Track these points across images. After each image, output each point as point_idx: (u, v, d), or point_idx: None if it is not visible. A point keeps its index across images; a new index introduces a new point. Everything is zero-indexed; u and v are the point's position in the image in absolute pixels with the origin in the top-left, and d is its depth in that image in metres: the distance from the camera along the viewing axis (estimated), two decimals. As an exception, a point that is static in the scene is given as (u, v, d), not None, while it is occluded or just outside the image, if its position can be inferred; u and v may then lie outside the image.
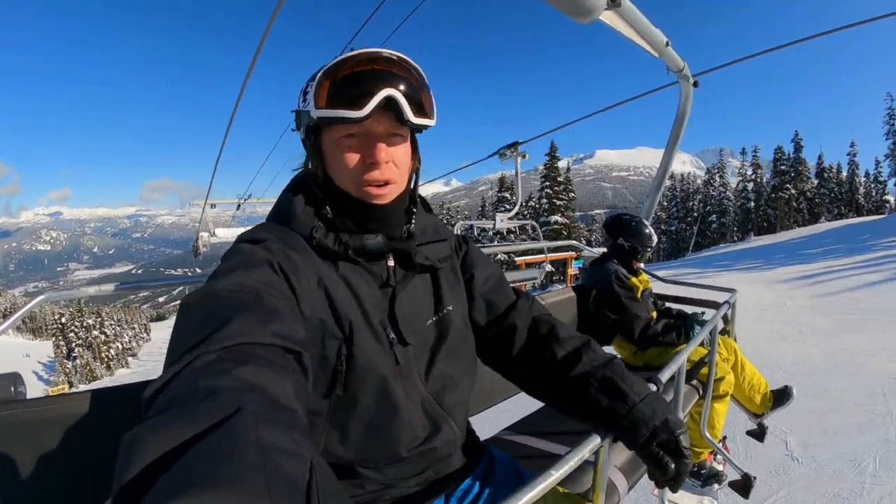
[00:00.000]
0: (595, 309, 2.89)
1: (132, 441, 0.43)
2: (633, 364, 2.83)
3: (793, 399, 2.81)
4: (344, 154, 0.91)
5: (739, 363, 2.80)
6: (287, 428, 0.48)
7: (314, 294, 0.87)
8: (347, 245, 0.93)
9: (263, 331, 0.66)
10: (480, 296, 1.17)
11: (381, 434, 0.93)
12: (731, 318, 2.88)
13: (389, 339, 0.94)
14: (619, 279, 2.84)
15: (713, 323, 2.05)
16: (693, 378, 2.37)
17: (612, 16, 1.72)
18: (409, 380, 0.97)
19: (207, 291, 0.73)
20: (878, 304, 12.03)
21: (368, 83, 0.86)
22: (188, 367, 0.58)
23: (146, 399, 0.56)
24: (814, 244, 33.44)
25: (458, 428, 1.06)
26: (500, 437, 1.94)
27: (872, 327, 9.01)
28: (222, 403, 0.48)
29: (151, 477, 0.39)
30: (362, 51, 0.89)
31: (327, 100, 0.87)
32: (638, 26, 1.89)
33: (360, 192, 0.93)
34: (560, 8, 1.43)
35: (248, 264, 0.79)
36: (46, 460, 1.15)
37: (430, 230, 1.09)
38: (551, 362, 1.06)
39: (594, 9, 1.48)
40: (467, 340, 1.11)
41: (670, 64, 2.43)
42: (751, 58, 3.11)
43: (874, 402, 4.15)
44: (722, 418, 2.57)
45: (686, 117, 3.09)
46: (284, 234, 0.91)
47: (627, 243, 3.00)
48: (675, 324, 2.75)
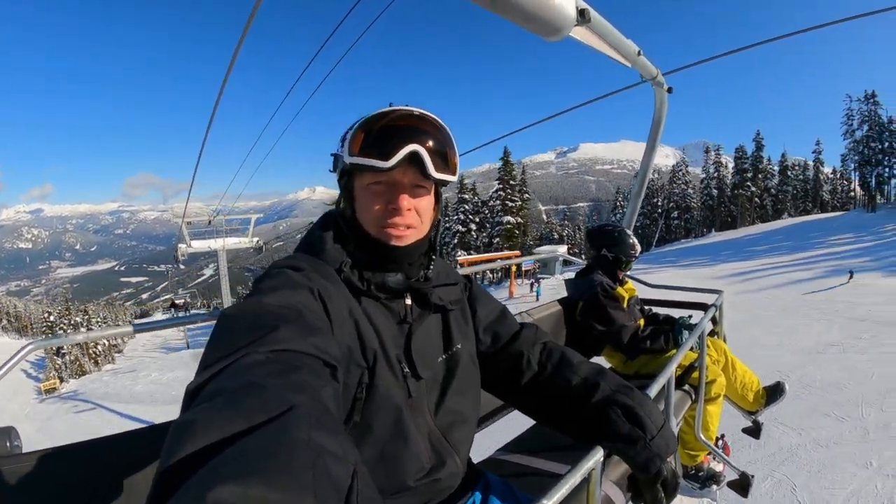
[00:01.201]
0: (582, 321, 2.90)
1: (185, 424, 0.45)
2: (623, 373, 2.84)
3: (785, 394, 2.85)
4: (371, 199, 1.00)
5: (730, 363, 2.84)
6: (334, 432, 0.50)
7: (345, 322, 0.93)
8: (370, 281, 1.01)
9: (305, 342, 0.70)
10: (484, 328, 1.24)
11: (390, 463, 0.96)
12: (718, 320, 2.94)
13: (404, 372, 1.00)
14: (605, 290, 2.85)
15: (701, 327, 2.08)
16: (684, 383, 2.39)
17: (583, 31, 1.71)
18: (419, 413, 1.02)
19: (252, 303, 0.78)
20: (794, 301, 12.43)
21: (397, 137, 0.96)
22: (236, 364, 0.61)
23: (191, 390, 0.59)
24: (764, 241, 34.49)
25: (462, 463, 1.10)
26: (494, 457, 1.95)
27: (781, 323, 9.34)
28: (274, 400, 0.51)
29: (200, 460, 0.40)
30: (397, 108, 1.00)
31: (360, 148, 0.97)
32: (609, 39, 1.89)
33: (380, 233, 1.00)
34: (528, 28, 1.42)
35: (291, 286, 0.86)
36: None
37: (443, 275, 1.16)
38: (566, 389, 1.09)
39: (563, 27, 1.48)
40: (475, 378, 1.17)
41: (643, 72, 2.44)
42: (720, 57, 3.10)
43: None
44: (716, 420, 2.59)
45: (662, 123, 3.10)
46: (318, 266, 0.97)
47: (611, 254, 3.01)
48: (663, 329, 2.76)
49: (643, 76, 2.49)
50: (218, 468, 0.39)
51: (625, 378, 1.13)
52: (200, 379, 0.60)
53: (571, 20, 1.50)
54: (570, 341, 2.97)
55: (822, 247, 26.79)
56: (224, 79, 2.74)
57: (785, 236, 35.89)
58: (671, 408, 1.64)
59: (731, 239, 41.47)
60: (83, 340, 1.80)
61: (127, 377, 22.20)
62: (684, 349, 1.68)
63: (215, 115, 3.45)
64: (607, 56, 2.03)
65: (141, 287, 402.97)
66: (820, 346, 8.13)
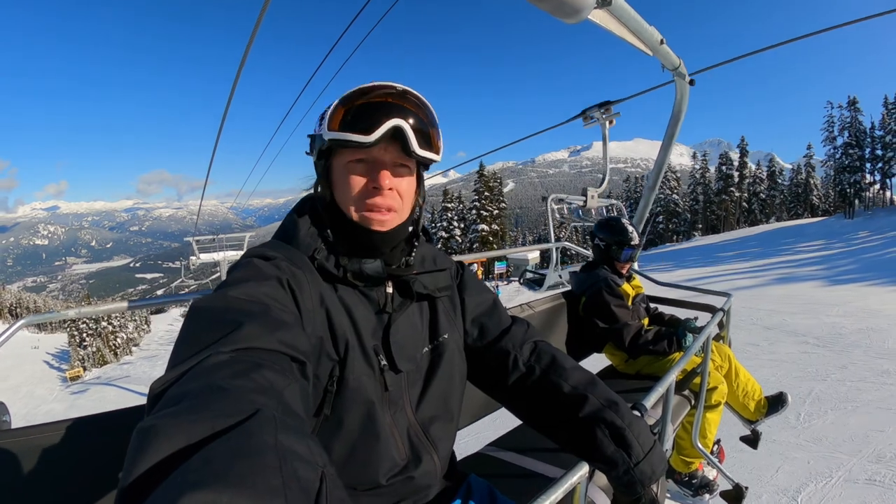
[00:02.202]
0: (585, 316, 2.84)
1: (149, 429, 0.44)
2: (624, 371, 2.78)
3: (787, 405, 2.77)
4: (350, 177, 0.95)
5: (733, 370, 2.76)
6: (301, 434, 0.49)
7: (316, 313, 0.89)
8: (346, 268, 0.96)
9: (271, 338, 0.68)
10: (472, 320, 1.18)
11: (361, 459, 0.93)
12: (725, 324, 2.85)
13: (381, 365, 0.95)
14: (609, 286, 2.77)
15: (707, 331, 2.00)
16: (685, 388, 2.32)
17: (603, 15, 1.64)
18: (397, 407, 0.98)
19: (219, 297, 0.76)
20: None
21: (379, 113, 0.91)
22: (199, 365, 0.59)
23: (156, 392, 0.57)
24: (736, 247, 35.03)
25: (440, 461, 1.05)
26: (483, 453, 1.91)
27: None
28: (239, 403, 0.50)
29: (166, 468, 0.40)
30: (378, 83, 0.94)
31: (340, 124, 0.92)
32: (631, 24, 1.81)
33: (361, 216, 0.96)
34: (545, 8, 1.34)
35: (259, 277, 0.83)
36: (29, 490, 1.15)
37: (430, 260, 1.11)
38: (556, 397, 1.04)
39: (583, 8, 1.40)
40: (461, 371, 1.12)
41: (665, 62, 2.35)
42: (746, 56, 3.03)
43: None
44: (714, 427, 2.53)
45: (682, 116, 3.02)
46: (290, 254, 0.93)
47: (603, 242, 2.93)
48: (667, 332, 2.67)
49: (665, 66, 2.40)
50: (185, 476, 0.38)
51: (626, 377, 1.05)
52: (165, 379, 0.58)
53: (592, 1, 1.41)
54: (572, 336, 2.91)
55: (788, 254, 27.18)
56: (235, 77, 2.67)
57: (759, 242, 36.78)
58: (669, 414, 1.58)
59: (705, 244, 42.53)
60: (75, 316, 1.80)
61: (145, 364, 24.65)
62: (688, 355, 1.63)
63: (227, 114, 3.40)
64: (628, 42, 1.95)
65: (156, 283, 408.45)
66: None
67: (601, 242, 2.94)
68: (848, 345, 6.98)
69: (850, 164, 47.57)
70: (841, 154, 48.64)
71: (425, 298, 1.09)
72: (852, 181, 46.80)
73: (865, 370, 5.77)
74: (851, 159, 47.72)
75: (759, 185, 62.49)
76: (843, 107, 48.60)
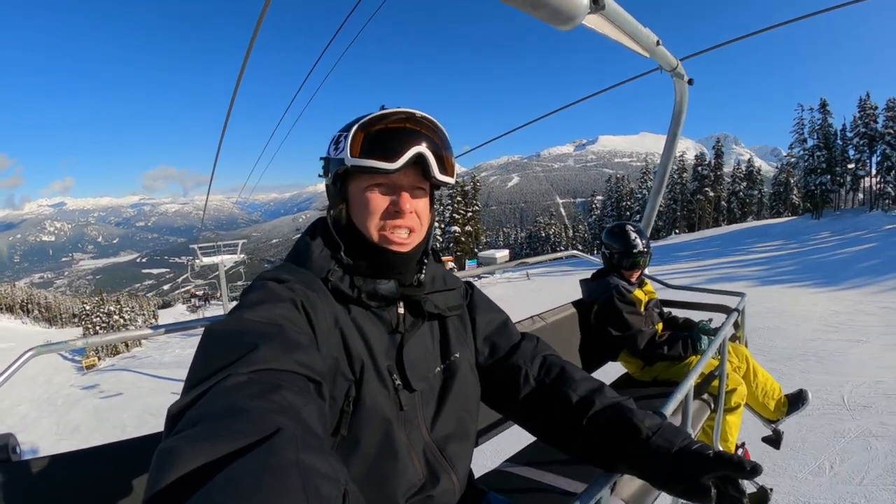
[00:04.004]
0: (597, 325, 2.79)
1: (170, 450, 0.44)
2: (641, 379, 2.74)
3: (808, 403, 2.73)
4: (371, 201, 0.96)
5: (752, 370, 2.72)
6: (321, 452, 0.50)
7: (331, 334, 0.90)
8: (360, 289, 0.97)
9: (288, 359, 0.69)
10: (483, 338, 1.19)
11: (379, 479, 0.93)
12: (741, 324, 2.80)
13: (395, 384, 0.96)
14: (620, 294, 2.72)
15: (723, 333, 1.97)
16: (704, 392, 2.28)
17: (598, 19, 1.62)
18: (412, 426, 0.98)
19: (234, 320, 0.77)
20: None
21: (401, 139, 0.93)
22: (217, 386, 0.60)
23: (173, 414, 0.58)
24: (699, 246, 35.41)
25: (459, 480, 1.05)
26: (502, 469, 1.89)
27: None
28: (259, 423, 0.50)
29: (189, 487, 0.40)
30: (396, 110, 0.97)
31: (361, 150, 0.93)
32: (626, 28, 1.79)
33: (382, 237, 0.97)
34: (538, 16, 1.34)
35: (273, 300, 0.84)
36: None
37: (440, 279, 1.12)
38: (566, 407, 1.03)
39: (576, 14, 1.38)
40: (474, 389, 1.12)
41: (663, 63, 2.33)
42: (737, 40, 2.99)
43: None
44: (735, 430, 2.48)
45: (683, 115, 3.00)
46: (304, 276, 0.95)
47: (608, 251, 2.90)
48: (681, 335, 2.62)
49: (663, 67, 2.39)
50: (210, 494, 0.38)
51: (643, 385, 1.04)
52: (183, 402, 0.59)
53: (584, 7, 1.40)
54: (585, 346, 2.86)
55: (741, 254, 28.00)
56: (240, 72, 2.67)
57: (721, 242, 37.32)
58: (689, 419, 1.56)
59: (671, 244, 43.59)
60: (82, 345, 1.80)
61: (155, 353, 26.18)
62: (705, 358, 1.61)
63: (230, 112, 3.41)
64: (624, 46, 1.94)
65: (162, 278, 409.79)
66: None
67: (606, 251, 2.91)
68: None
69: (817, 166, 48.66)
70: (809, 156, 49.93)
71: (436, 318, 1.10)
72: (818, 182, 47.80)
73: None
74: (818, 161, 48.82)
75: (738, 184, 64.71)
76: (814, 109, 49.80)
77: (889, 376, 5.35)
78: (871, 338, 7.12)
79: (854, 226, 32.87)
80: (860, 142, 46.35)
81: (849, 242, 25.25)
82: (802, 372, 5.87)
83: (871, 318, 8.50)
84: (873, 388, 5.09)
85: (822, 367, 5.98)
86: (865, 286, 12.72)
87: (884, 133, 43.77)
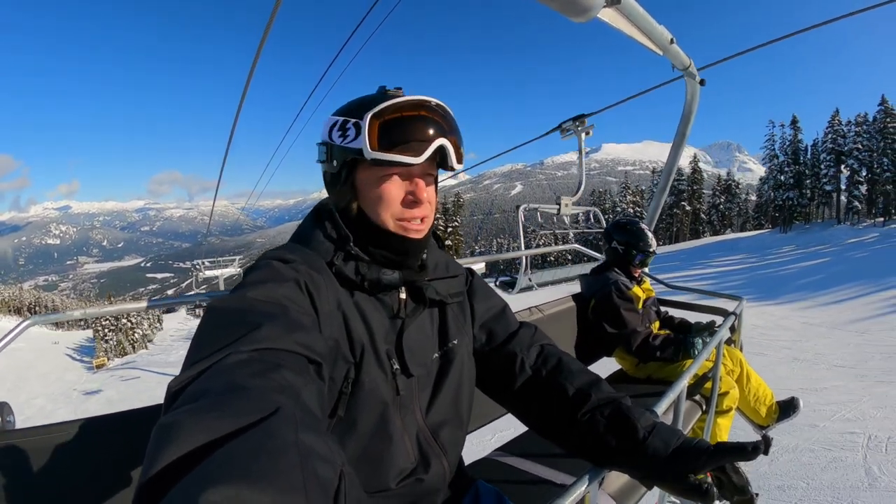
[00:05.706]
0: (594, 319, 2.80)
1: (170, 425, 0.44)
2: (634, 375, 2.74)
3: (799, 410, 2.73)
4: (388, 192, 0.94)
5: (745, 374, 2.72)
6: (319, 433, 0.49)
7: (333, 316, 0.89)
8: (364, 276, 0.96)
9: (289, 339, 0.69)
10: (480, 325, 1.18)
11: (373, 461, 0.93)
12: (737, 328, 2.79)
13: (393, 369, 0.96)
14: (619, 290, 2.73)
15: (719, 336, 1.96)
16: (696, 393, 2.27)
17: (612, 13, 1.63)
18: (407, 411, 0.98)
19: (237, 298, 0.76)
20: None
21: (422, 131, 0.91)
22: (218, 364, 0.59)
23: (174, 390, 0.57)
24: (664, 260, 36.09)
25: (450, 465, 1.05)
26: (491, 458, 1.89)
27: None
28: (259, 401, 0.50)
29: (187, 463, 0.40)
30: (408, 97, 0.93)
31: (380, 141, 0.89)
32: (640, 23, 1.79)
33: (398, 226, 0.96)
34: (554, 7, 1.33)
35: (277, 279, 0.83)
36: (34, 490, 1.14)
37: (442, 266, 1.11)
38: (561, 399, 1.02)
39: (592, 7, 1.39)
40: (470, 377, 1.12)
41: (675, 62, 2.33)
42: (753, 50, 2.99)
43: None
44: (725, 433, 2.48)
45: (692, 116, 2.99)
46: (308, 257, 0.93)
47: (620, 246, 2.89)
48: (675, 339, 2.63)
49: (675, 66, 2.38)
50: (207, 471, 0.38)
51: (636, 382, 1.02)
52: (184, 378, 0.58)
53: (601, 0, 1.40)
54: (581, 340, 2.87)
55: (699, 268, 27.95)
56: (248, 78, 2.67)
57: (687, 256, 37.65)
58: (680, 419, 1.55)
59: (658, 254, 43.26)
60: (80, 317, 1.79)
61: (161, 354, 27.33)
62: (700, 361, 1.60)
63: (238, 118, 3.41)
64: (638, 42, 1.93)
65: (166, 283, 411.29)
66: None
67: (619, 245, 2.90)
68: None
69: (785, 182, 50.72)
70: (777, 171, 52.10)
71: (437, 304, 1.09)
72: (785, 197, 49.73)
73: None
74: (787, 175, 50.86)
75: (718, 197, 66.51)
76: (785, 125, 52.01)
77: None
78: (772, 352, 7.32)
79: (819, 240, 33.38)
80: (828, 157, 48.28)
81: (807, 257, 25.65)
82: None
83: (786, 332, 8.71)
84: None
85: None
86: (798, 301, 13.04)
87: (851, 149, 45.46)
